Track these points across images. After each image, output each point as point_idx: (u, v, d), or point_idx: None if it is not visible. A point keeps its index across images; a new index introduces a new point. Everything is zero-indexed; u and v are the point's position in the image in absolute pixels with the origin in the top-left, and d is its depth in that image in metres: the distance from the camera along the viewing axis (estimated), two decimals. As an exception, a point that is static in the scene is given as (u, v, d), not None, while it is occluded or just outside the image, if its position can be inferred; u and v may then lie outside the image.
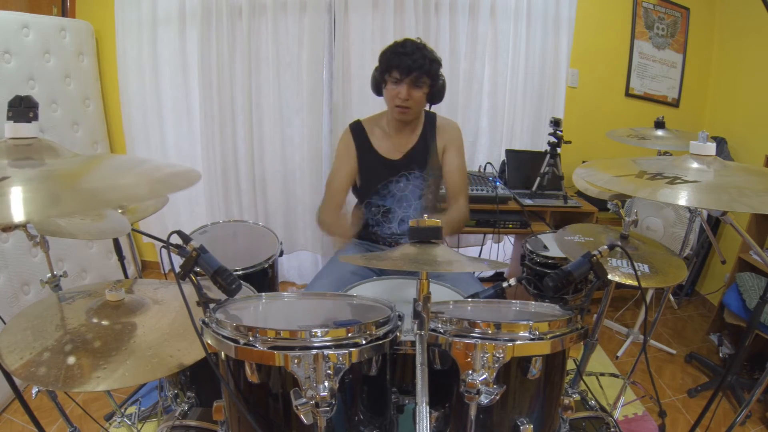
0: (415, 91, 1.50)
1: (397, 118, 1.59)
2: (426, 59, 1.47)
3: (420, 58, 1.46)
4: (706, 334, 2.40)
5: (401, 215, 1.68)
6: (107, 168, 0.80)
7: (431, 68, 1.49)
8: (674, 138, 1.77)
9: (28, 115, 0.76)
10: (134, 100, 2.45)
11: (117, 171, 0.78)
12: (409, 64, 1.45)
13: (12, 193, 0.60)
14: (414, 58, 1.45)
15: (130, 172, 0.78)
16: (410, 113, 1.55)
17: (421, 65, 1.46)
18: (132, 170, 0.79)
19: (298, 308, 0.98)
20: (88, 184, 0.71)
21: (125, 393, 1.77)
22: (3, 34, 1.87)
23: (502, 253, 2.78)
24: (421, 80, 1.49)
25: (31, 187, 0.63)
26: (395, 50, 1.48)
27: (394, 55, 1.47)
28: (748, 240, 1.13)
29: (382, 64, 1.52)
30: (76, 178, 0.72)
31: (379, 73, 1.54)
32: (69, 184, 0.69)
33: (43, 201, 0.62)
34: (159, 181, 0.74)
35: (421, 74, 1.47)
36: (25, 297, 1.87)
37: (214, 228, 1.74)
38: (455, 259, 0.88)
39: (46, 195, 0.63)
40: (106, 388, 0.77)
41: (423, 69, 1.46)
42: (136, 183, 0.72)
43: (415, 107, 1.54)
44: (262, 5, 2.29)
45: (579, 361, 1.55)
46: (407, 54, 1.46)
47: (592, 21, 2.57)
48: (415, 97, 1.50)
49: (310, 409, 0.71)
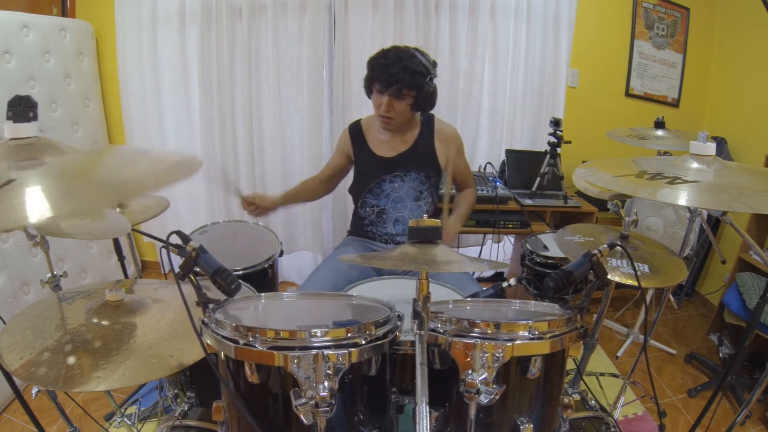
0: (397, 102, 1.50)
1: (381, 126, 1.62)
2: (407, 71, 1.44)
3: (400, 71, 1.43)
4: (706, 334, 2.40)
5: (395, 216, 1.68)
6: (114, 160, 0.80)
7: (412, 80, 1.45)
8: (674, 138, 1.77)
9: (28, 115, 0.76)
10: (134, 100, 2.45)
11: (125, 162, 0.78)
12: (387, 78, 1.44)
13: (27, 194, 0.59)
14: (393, 72, 1.43)
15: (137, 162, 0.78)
16: (393, 123, 1.57)
17: (399, 79, 1.44)
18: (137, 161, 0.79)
19: (297, 308, 0.98)
20: (100, 177, 0.71)
21: (125, 393, 1.77)
22: (3, 34, 1.87)
23: (502, 253, 2.78)
24: (402, 93, 1.47)
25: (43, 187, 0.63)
26: (377, 61, 1.48)
27: (377, 65, 1.48)
28: (748, 240, 1.13)
29: (367, 73, 1.54)
30: (87, 173, 0.72)
31: (366, 79, 1.56)
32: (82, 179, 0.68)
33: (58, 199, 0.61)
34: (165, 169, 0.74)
35: (401, 87, 1.45)
36: (25, 297, 1.87)
37: (214, 228, 1.74)
38: (455, 259, 0.88)
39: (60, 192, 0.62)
40: (106, 388, 0.77)
41: (402, 83, 1.44)
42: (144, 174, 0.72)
43: (399, 117, 1.55)
44: (262, 5, 2.29)
45: (579, 360, 1.55)
46: (387, 66, 1.44)
47: (592, 21, 2.57)
48: (398, 108, 1.51)
49: (310, 409, 0.71)
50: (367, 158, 1.68)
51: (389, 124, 1.57)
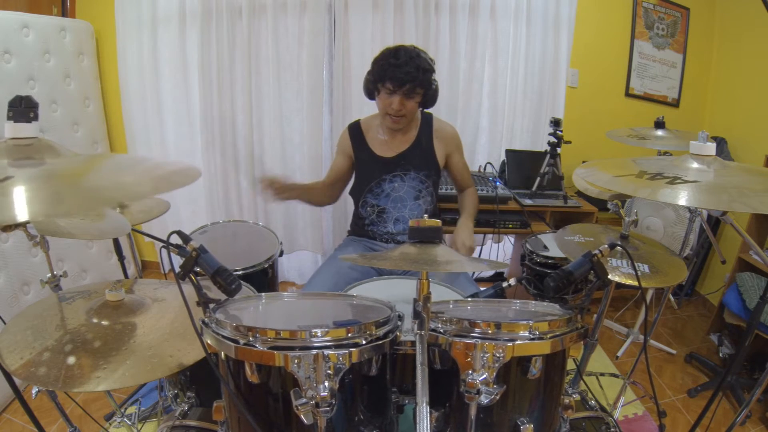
0: (408, 101, 1.51)
1: (389, 127, 1.61)
2: (419, 70, 1.46)
3: (413, 70, 1.45)
4: (706, 334, 2.40)
5: (396, 215, 1.69)
6: (109, 166, 0.80)
7: (424, 78, 1.49)
8: (674, 138, 1.77)
9: (28, 115, 0.76)
10: (134, 100, 2.45)
11: (119, 169, 0.78)
12: (402, 78, 1.45)
13: (15, 192, 0.60)
14: (406, 71, 1.44)
15: (131, 170, 0.78)
16: (403, 121, 1.57)
17: (414, 77, 1.45)
18: (134, 168, 0.79)
19: (298, 308, 0.98)
20: (90, 182, 0.72)
21: (125, 393, 1.77)
22: (3, 34, 1.87)
23: (502, 253, 2.78)
24: (415, 91, 1.49)
25: (33, 186, 0.63)
26: (388, 61, 1.47)
27: (388, 65, 1.46)
28: (748, 240, 1.13)
29: (374, 74, 1.51)
30: (78, 177, 0.72)
31: (372, 80, 1.54)
32: (72, 182, 0.69)
33: (46, 200, 0.62)
34: (161, 178, 0.74)
35: (415, 86, 1.47)
36: (25, 297, 1.87)
37: (214, 228, 1.74)
38: (455, 259, 0.88)
39: (50, 194, 0.63)
40: (106, 388, 0.77)
41: (416, 81, 1.46)
42: (139, 180, 0.72)
43: (409, 115, 1.56)
44: (262, 5, 2.29)
45: (579, 361, 1.55)
46: (400, 66, 1.45)
47: (592, 21, 2.57)
48: (408, 106, 1.52)
49: (310, 409, 0.71)
50: (367, 158, 1.68)
51: (399, 123, 1.57)
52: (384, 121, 1.60)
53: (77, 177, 0.72)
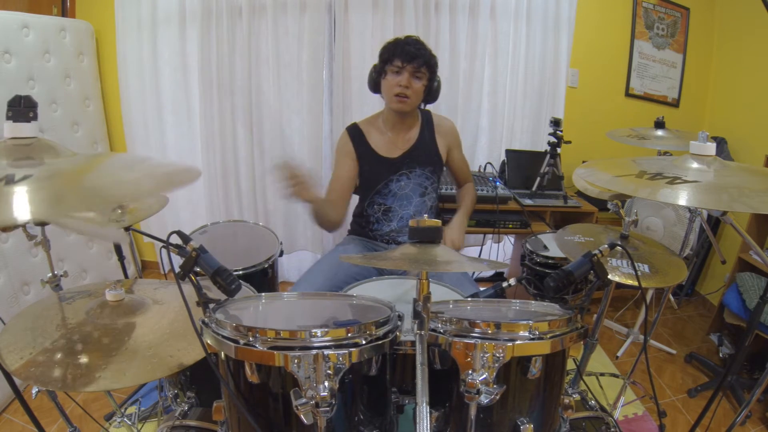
0: (414, 81, 1.54)
1: (395, 108, 1.59)
2: (426, 50, 1.54)
3: (422, 49, 1.53)
4: (706, 334, 2.40)
5: (401, 213, 1.69)
6: (109, 166, 0.80)
7: (431, 61, 1.55)
8: (674, 138, 1.77)
9: (27, 114, 0.76)
10: (134, 100, 2.45)
11: (119, 168, 0.78)
12: (412, 52, 1.51)
13: (16, 192, 0.60)
14: (416, 47, 1.52)
15: (132, 169, 0.78)
16: (408, 103, 1.57)
17: (423, 54, 1.52)
18: (134, 168, 0.79)
19: (297, 308, 0.98)
20: (91, 181, 0.71)
21: (125, 393, 1.77)
22: (3, 34, 1.86)
23: (502, 253, 2.78)
24: (421, 71, 1.53)
25: (34, 187, 0.63)
26: (397, 42, 1.54)
27: (397, 45, 1.53)
28: (748, 240, 1.13)
29: (383, 55, 1.56)
30: (79, 176, 0.72)
31: (379, 65, 1.58)
32: (72, 182, 0.69)
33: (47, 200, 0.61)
34: (162, 177, 0.74)
35: (422, 64, 1.52)
36: (25, 297, 1.87)
37: (214, 228, 1.74)
38: (455, 259, 0.88)
39: (50, 193, 0.63)
40: (106, 388, 0.77)
41: (424, 58, 1.52)
42: (139, 180, 0.72)
43: (414, 97, 1.56)
44: (262, 5, 2.29)
45: (579, 360, 1.55)
46: (409, 44, 1.52)
47: (592, 21, 2.57)
48: (414, 87, 1.54)
49: (310, 409, 0.71)
50: (371, 160, 1.66)
51: (404, 104, 1.56)
52: (390, 103, 1.59)
53: (78, 176, 0.72)
